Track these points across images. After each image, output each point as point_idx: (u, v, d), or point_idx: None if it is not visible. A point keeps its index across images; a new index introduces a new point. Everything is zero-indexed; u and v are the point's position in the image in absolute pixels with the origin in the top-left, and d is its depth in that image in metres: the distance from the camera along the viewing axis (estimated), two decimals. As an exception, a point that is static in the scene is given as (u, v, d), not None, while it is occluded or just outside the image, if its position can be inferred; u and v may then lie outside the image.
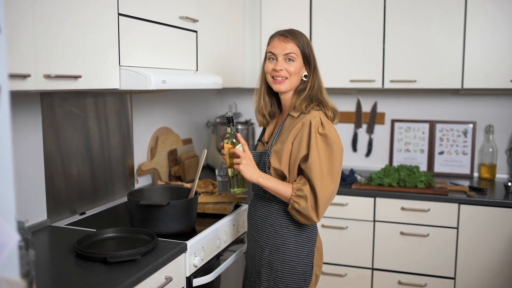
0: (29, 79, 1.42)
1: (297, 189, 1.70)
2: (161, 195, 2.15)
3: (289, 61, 1.80)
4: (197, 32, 2.47)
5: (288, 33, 1.82)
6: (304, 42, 1.82)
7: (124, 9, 1.88)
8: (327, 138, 1.70)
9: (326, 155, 1.70)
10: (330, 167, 1.70)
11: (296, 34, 1.83)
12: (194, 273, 1.90)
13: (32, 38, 1.44)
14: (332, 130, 1.73)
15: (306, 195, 1.68)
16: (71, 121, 2.18)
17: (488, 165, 3.11)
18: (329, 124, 1.74)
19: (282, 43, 1.80)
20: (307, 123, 1.73)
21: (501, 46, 2.79)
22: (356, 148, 3.46)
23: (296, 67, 1.80)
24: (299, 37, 1.82)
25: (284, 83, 1.81)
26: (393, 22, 2.95)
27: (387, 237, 2.83)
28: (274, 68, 1.81)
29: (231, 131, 1.86)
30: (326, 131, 1.70)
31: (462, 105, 3.24)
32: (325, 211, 1.73)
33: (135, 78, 1.86)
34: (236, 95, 3.69)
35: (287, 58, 1.80)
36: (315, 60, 1.85)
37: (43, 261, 1.65)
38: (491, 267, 2.66)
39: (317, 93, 1.83)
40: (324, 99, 1.83)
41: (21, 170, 1.91)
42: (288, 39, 1.80)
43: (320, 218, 1.71)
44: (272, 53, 1.82)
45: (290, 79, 1.81)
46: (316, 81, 1.84)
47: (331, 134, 1.71)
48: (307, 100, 1.79)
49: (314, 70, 1.85)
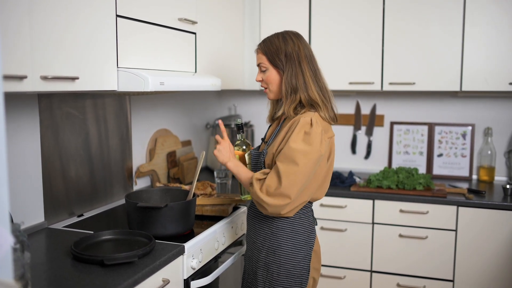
0: (26, 81, 1.42)
1: (255, 177, 1.74)
2: (160, 197, 2.14)
3: (264, 71, 1.85)
4: (195, 34, 2.47)
5: (261, 42, 1.88)
6: (271, 49, 1.81)
7: (122, 10, 1.88)
8: (309, 137, 1.69)
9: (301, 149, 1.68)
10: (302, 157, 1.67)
11: (266, 42, 1.85)
12: (192, 275, 1.89)
13: (29, 39, 1.44)
14: (318, 132, 1.70)
15: (253, 182, 1.73)
16: (69, 123, 2.18)
17: (487, 168, 3.11)
18: (318, 126, 1.71)
19: (256, 55, 1.89)
20: (297, 120, 1.73)
21: (500, 48, 2.79)
22: (355, 150, 3.45)
23: (269, 75, 1.83)
24: (268, 44, 1.83)
25: (268, 91, 1.88)
26: (392, 24, 2.95)
27: (386, 239, 2.82)
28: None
29: (241, 138, 1.93)
30: (311, 130, 1.69)
31: (461, 107, 3.24)
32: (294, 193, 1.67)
33: (133, 79, 1.86)
34: (235, 97, 3.69)
35: (261, 68, 1.86)
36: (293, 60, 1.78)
37: (40, 263, 1.65)
38: (489, 269, 2.66)
39: (305, 93, 1.76)
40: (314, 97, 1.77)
41: (19, 172, 1.91)
42: (258, 50, 1.87)
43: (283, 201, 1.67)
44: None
45: (269, 88, 1.86)
46: (296, 81, 1.77)
47: (314, 135, 1.69)
48: (293, 104, 1.78)
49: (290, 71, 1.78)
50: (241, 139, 1.92)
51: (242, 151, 1.91)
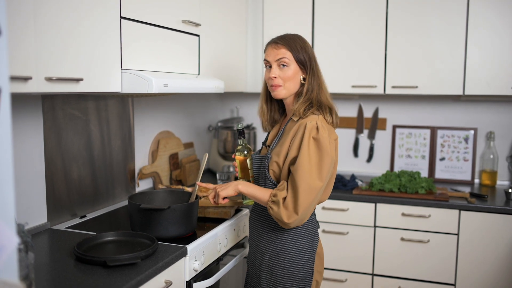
0: (31, 82, 1.42)
1: (273, 194, 1.70)
2: (162, 199, 2.14)
3: (283, 67, 1.80)
4: (199, 36, 2.47)
5: (280, 39, 1.83)
6: (296, 46, 1.80)
7: (127, 12, 1.89)
8: (319, 143, 1.69)
9: (316, 159, 1.69)
10: (318, 172, 1.69)
11: (288, 39, 1.82)
12: (194, 277, 1.89)
13: (34, 40, 1.44)
14: (325, 136, 1.70)
15: (278, 201, 1.68)
16: (73, 124, 2.18)
17: (489, 172, 3.10)
18: (324, 131, 1.71)
19: (274, 50, 1.81)
20: (303, 125, 1.73)
21: (503, 53, 2.79)
22: (357, 154, 3.45)
23: (290, 72, 1.79)
24: (291, 41, 1.81)
25: (280, 89, 1.81)
26: (395, 27, 2.95)
27: (388, 243, 2.82)
28: (269, 76, 1.82)
29: (242, 143, 1.90)
30: (319, 136, 1.69)
31: (464, 111, 3.24)
32: (308, 211, 1.70)
33: (137, 81, 1.86)
34: (238, 99, 3.70)
35: (280, 64, 1.80)
36: (313, 62, 1.82)
37: (43, 264, 1.65)
38: (491, 273, 2.65)
39: (318, 96, 1.80)
40: (325, 101, 1.81)
41: (22, 173, 1.91)
42: (278, 45, 1.80)
43: (301, 219, 1.69)
44: (267, 61, 1.84)
45: (285, 85, 1.80)
46: (315, 83, 1.81)
47: (323, 140, 1.69)
48: (305, 104, 1.78)
49: (312, 72, 1.81)
50: (242, 144, 1.90)
51: (244, 156, 1.88)
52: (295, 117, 1.80)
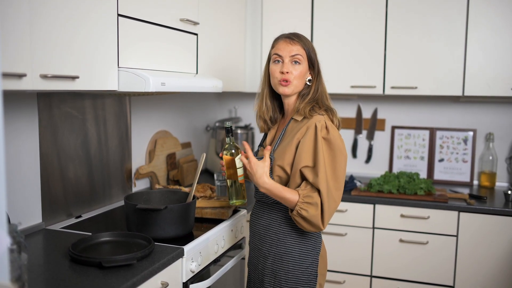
0: (25, 79, 1.40)
1: (305, 195, 1.65)
2: (159, 199, 2.12)
3: (295, 64, 1.77)
4: (197, 35, 2.45)
5: (294, 35, 1.81)
6: (309, 46, 1.81)
7: (124, 10, 1.86)
8: (330, 143, 1.68)
9: (329, 161, 1.67)
10: (333, 173, 1.67)
11: (302, 37, 1.82)
12: (191, 278, 1.87)
13: (29, 37, 1.42)
14: (336, 135, 1.70)
15: (316, 203, 1.63)
16: (69, 123, 2.16)
17: (488, 173, 3.09)
18: (334, 129, 1.71)
19: (288, 45, 1.78)
20: (312, 127, 1.70)
21: (502, 54, 2.78)
22: (356, 155, 3.44)
23: (302, 70, 1.78)
24: (305, 40, 1.82)
25: (289, 86, 1.78)
26: (395, 28, 2.94)
27: (386, 244, 2.80)
28: (281, 71, 1.78)
29: (230, 141, 1.84)
30: (330, 136, 1.68)
31: (463, 112, 3.23)
32: (330, 219, 1.70)
33: (134, 79, 1.84)
34: (236, 99, 3.68)
35: (293, 60, 1.77)
36: (319, 65, 1.84)
37: (37, 265, 1.62)
38: (490, 275, 2.64)
39: (322, 98, 1.81)
40: (327, 104, 1.81)
41: (16, 172, 1.89)
42: (294, 41, 1.78)
43: (326, 226, 1.69)
44: (278, 55, 1.79)
45: (294, 82, 1.77)
46: (320, 85, 1.82)
47: (334, 139, 1.68)
48: (311, 104, 1.77)
49: (318, 74, 1.83)
50: (229, 143, 1.83)
51: (231, 155, 1.84)
52: (298, 116, 1.77)
